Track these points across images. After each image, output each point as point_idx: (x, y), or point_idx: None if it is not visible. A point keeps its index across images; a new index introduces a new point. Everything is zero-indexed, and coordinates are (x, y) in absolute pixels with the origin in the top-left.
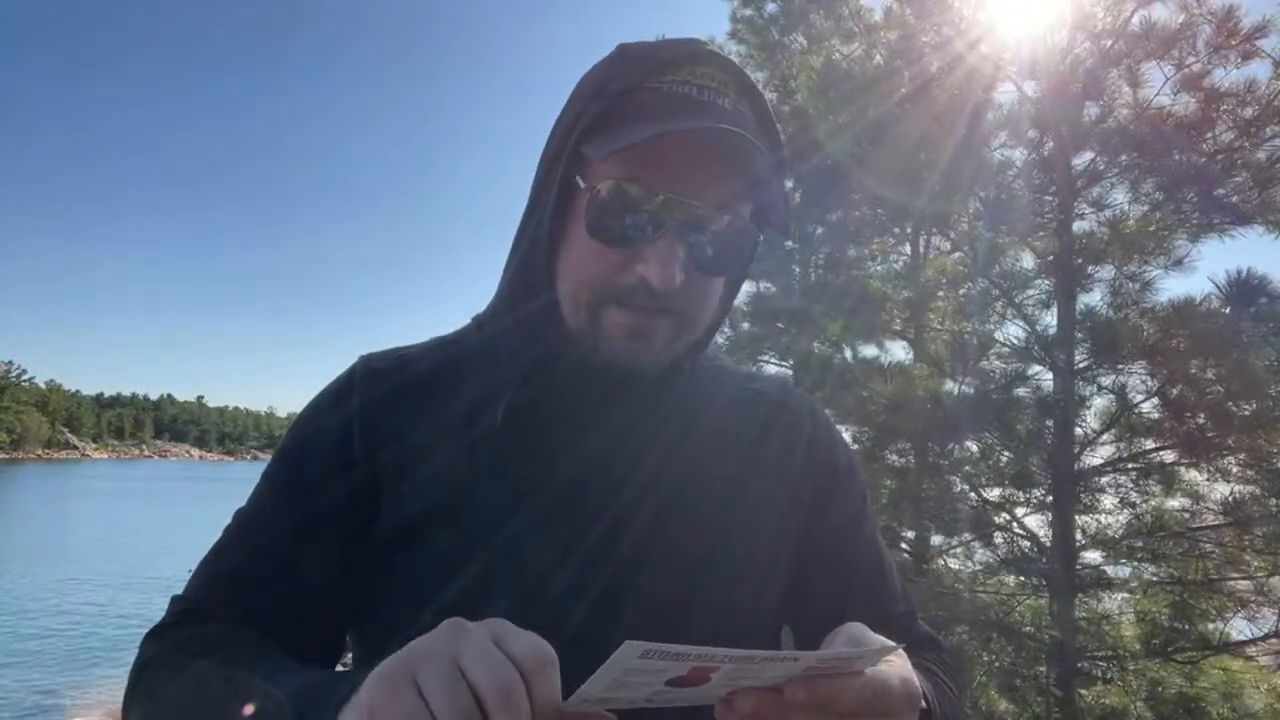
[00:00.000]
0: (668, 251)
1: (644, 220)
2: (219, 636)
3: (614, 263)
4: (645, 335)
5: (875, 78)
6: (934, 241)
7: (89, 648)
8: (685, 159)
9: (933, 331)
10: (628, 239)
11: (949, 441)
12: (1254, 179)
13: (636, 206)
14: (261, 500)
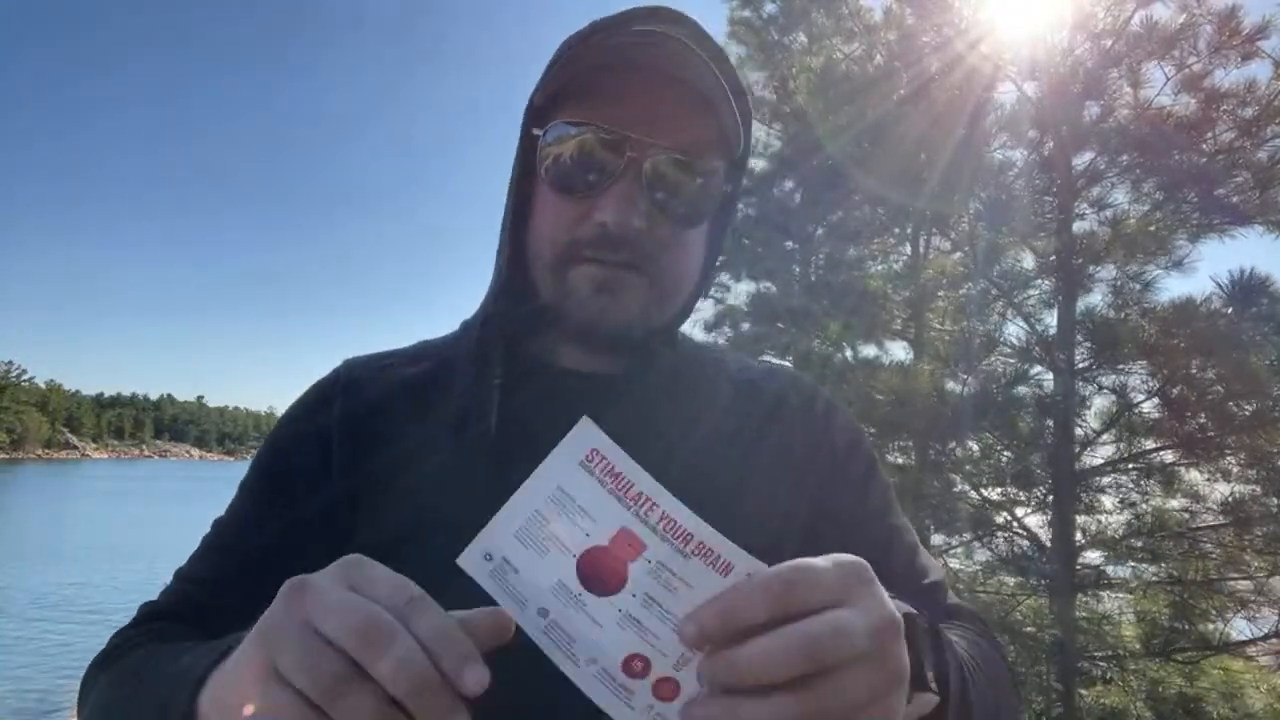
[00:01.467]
0: (623, 192)
1: (597, 162)
2: (171, 630)
3: (574, 214)
4: (613, 289)
5: (875, 78)
6: (934, 241)
7: (89, 648)
8: (636, 98)
9: (933, 331)
10: (585, 185)
11: (950, 440)
12: (1254, 179)
13: (589, 148)
14: (238, 509)
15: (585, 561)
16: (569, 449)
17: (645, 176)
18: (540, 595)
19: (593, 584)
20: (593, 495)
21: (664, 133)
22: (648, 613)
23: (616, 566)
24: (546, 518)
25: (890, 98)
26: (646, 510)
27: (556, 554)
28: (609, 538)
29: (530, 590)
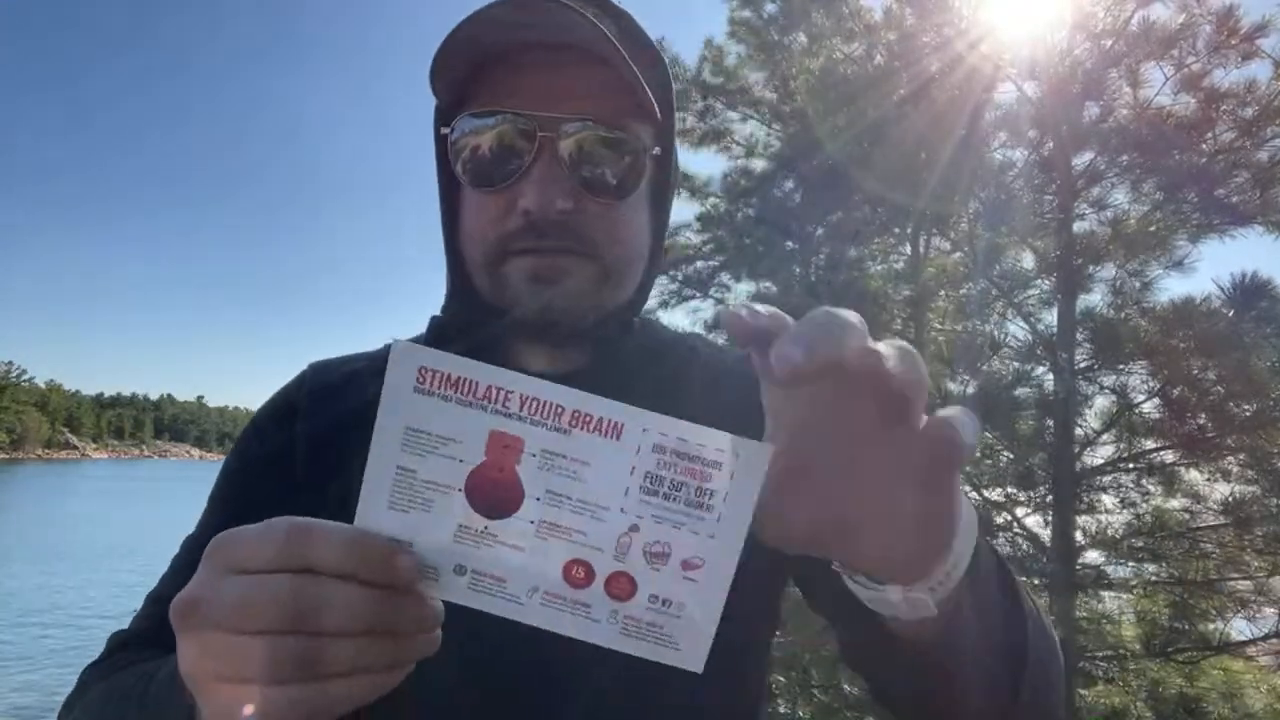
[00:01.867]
0: (542, 175)
1: (508, 149)
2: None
3: (497, 209)
4: (550, 277)
5: (875, 78)
6: (934, 241)
7: (89, 648)
8: (536, 76)
9: (933, 331)
10: (502, 176)
11: None
12: (1254, 179)
13: (498, 137)
14: (206, 525)
15: (473, 489)
16: (397, 382)
17: (562, 154)
18: (448, 553)
19: (492, 510)
20: (444, 416)
21: (572, 105)
22: (559, 511)
23: (505, 478)
24: (411, 468)
25: (890, 98)
26: (503, 401)
27: (441, 499)
28: (482, 451)
29: (435, 555)
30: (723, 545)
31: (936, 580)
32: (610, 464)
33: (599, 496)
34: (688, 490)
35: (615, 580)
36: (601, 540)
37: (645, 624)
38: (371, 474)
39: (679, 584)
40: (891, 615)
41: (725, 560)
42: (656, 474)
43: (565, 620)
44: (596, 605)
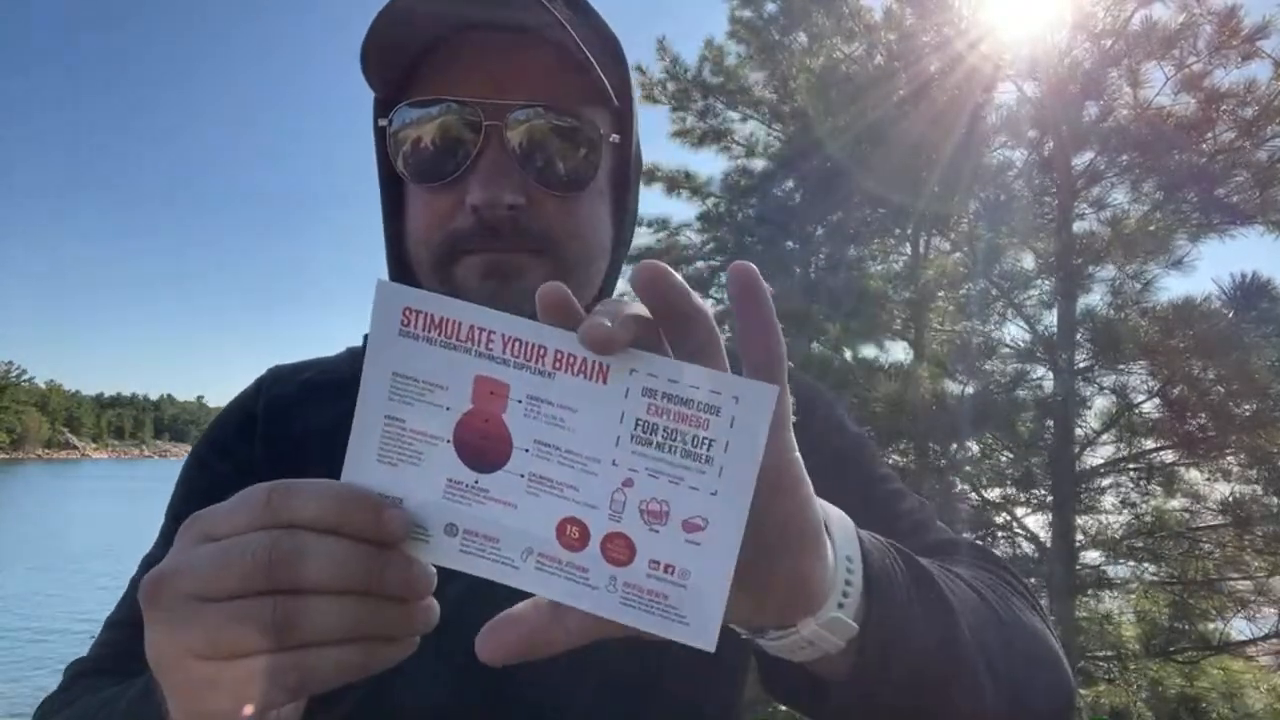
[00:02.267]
0: (490, 166)
1: (452, 140)
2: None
3: (444, 206)
4: (504, 273)
5: (875, 78)
6: (934, 242)
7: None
8: (478, 59)
9: (933, 331)
10: (447, 169)
11: (950, 442)
12: (1254, 179)
13: (441, 127)
14: (162, 546)
15: (461, 440)
16: (382, 325)
17: (511, 144)
18: (439, 510)
19: (482, 462)
20: (429, 360)
21: (520, 90)
22: (548, 463)
23: (492, 427)
24: (399, 417)
25: (890, 98)
26: (486, 343)
27: (430, 450)
28: (469, 398)
29: (426, 512)
30: (726, 504)
31: (828, 609)
32: (598, 410)
33: (588, 447)
34: (683, 439)
35: (612, 542)
36: (594, 496)
37: (647, 593)
38: (359, 424)
39: (681, 548)
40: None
41: (730, 522)
42: (648, 421)
43: (560, 586)
44: (594, 570)
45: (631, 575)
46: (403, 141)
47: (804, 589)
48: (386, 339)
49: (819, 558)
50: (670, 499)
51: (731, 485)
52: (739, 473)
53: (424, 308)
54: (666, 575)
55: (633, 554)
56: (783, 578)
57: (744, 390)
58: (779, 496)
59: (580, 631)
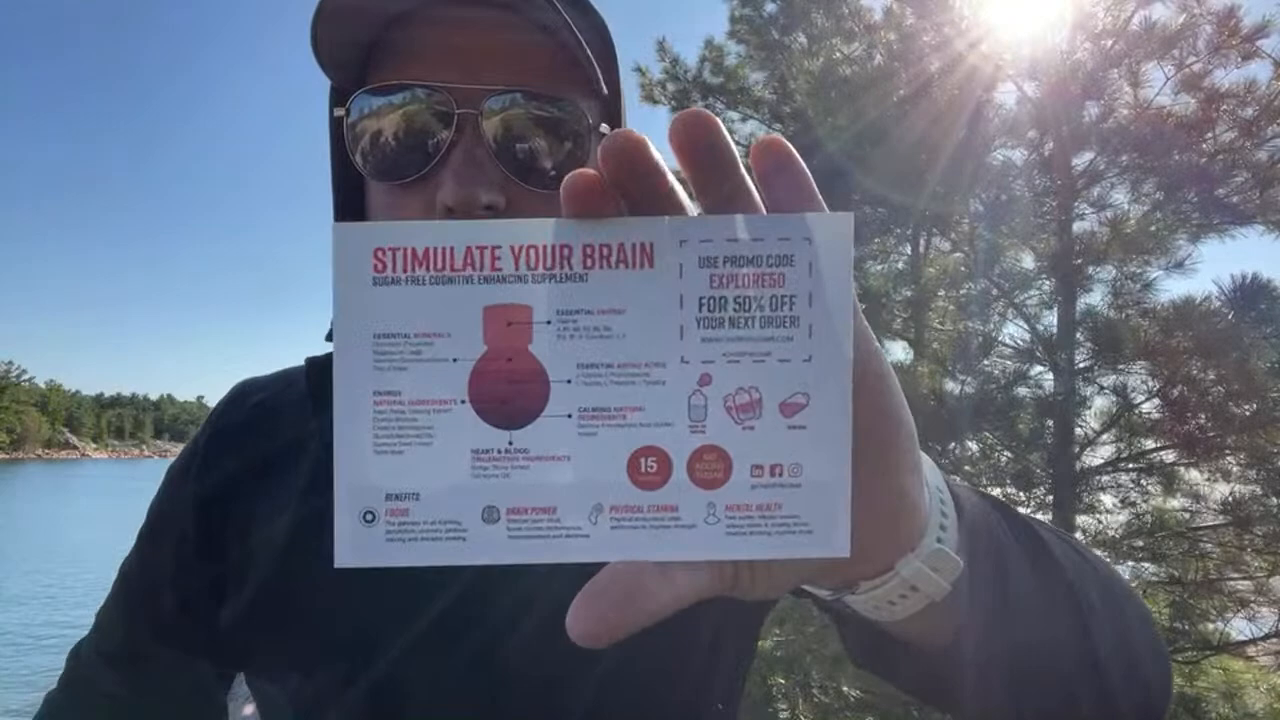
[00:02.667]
0: (464, 160)
1: (420, 130)
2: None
3: (412, 207)
4: None
5: (875, 78)
6: (934, 242)
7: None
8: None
9: (933, 331)
10: (415, 164)
11: (949, 441)
12: (1254, 179)
13: (407, 116)
14: (130, 568)
15: (481, 395)
16: (349, 279)
17: (487, 135)
18: (470, 495)
19: (514, 415)
20: (420, 306)
21: (497, 74)
22: (601, 389)
23: (519, 366)
24: (392, 390)
25: (890, 98)
26: (491, 263)
27: (442, 421)
28: (480, 339)
29: (452, 504)
30: (826, 366)
31: (929, 541)
32: (651, 302)
33: (647, 351)
34: (759, 305)
35: (701, 460)
36: (668, 411)
37: (757, 509)
38: (342, 411)
39: (784, 438)
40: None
41: (834, 385)
42: (714, 296)
43: (648, 540)
44: (685, 504)
45: (733, 494)
46: (362, 134)
47: (904, 512)
48: (357, 295)
49: (915, 470)
50: (759, 382)
51: (827, 342)
52: (833, 324)
53: (401, 243)
54: (775, 478)
55: (729, 467)
56: (879, 496)
57: (817, 227)
58: (865, 381)
59: (690, 585)
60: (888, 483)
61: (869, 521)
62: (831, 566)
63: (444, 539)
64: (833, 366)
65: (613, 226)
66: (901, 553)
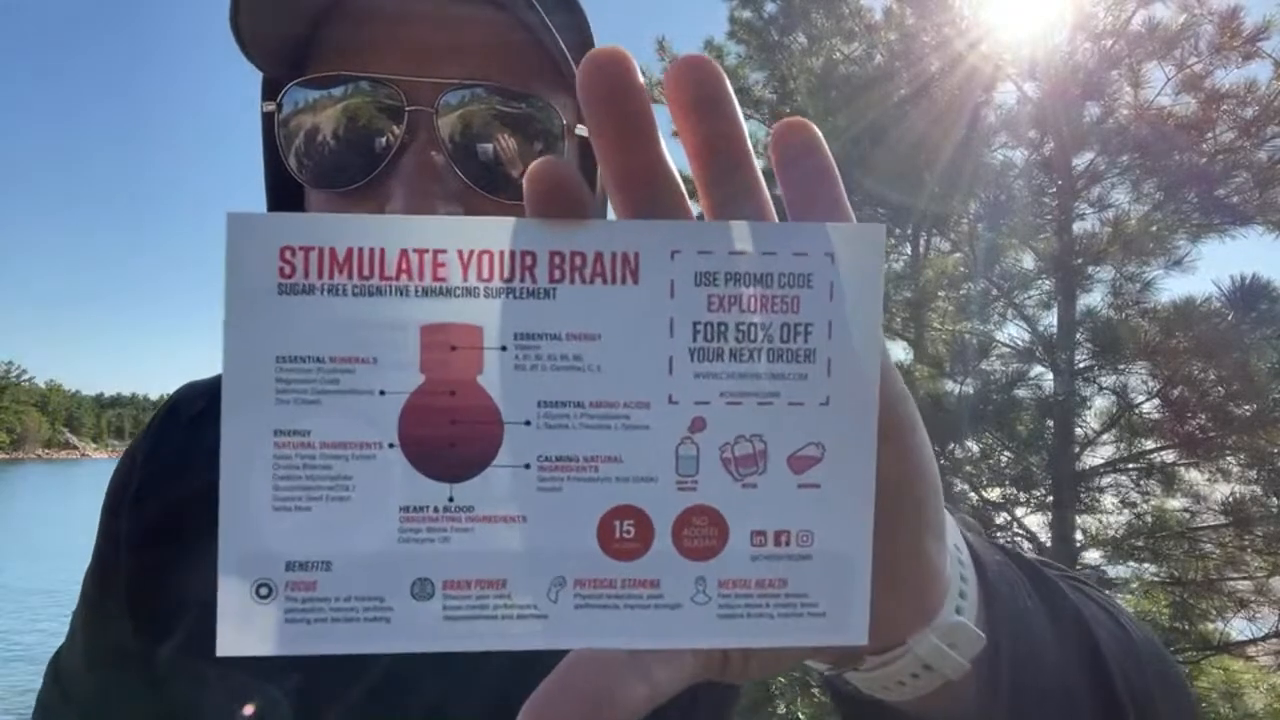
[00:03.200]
0: (415, 165)
1: (363, 130)
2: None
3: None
4: None
5: (875, 78)
6: (934, 242)
7: None
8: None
9: (933, 332)
10: (359, 168)
11: (949, 442)
12: (1255, 179)
13: (348, 112)
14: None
15: (414, 437)
16: (246, 283)
17: (443, 136)
18: (396, 565)
19: (456, 464)
20: (337, 324)
21: (455, 64)
22: (567, 434)
23: (465, 402)
24: (301, 429)
25: (890, 98)
26: (432, 269)
27: (364, 470)
28: (416, 366)
29: (374, 576)
30: (847, 411)
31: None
32: (633, 326)
33: (627, 388)
34: (768, 335)
35: (689, 524)
36: (651, 462)
37: (756, 586)
38: (231, 457)
39: (793, 499)
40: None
41: (857, 435)
42: (712, 321)
43: (622, 621)
44: (669, 578)
45: (728, 567)
46: (296, 132)
47: (921, 580)
48: (256, 305)
49: (940, 534)
50: (765, 430)
51: (849, 382)
52: (857, 360)
53: (317, 240)
54: (780, 548)
55: (724, 533)
56: (892, 563)
57: (844, 240)
58: (889, 429)
59: (670, 679)
60: (908, 548)
61: (883, 592)
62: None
63: (362, 620)
64: (856, 412)
65: (588, 231)
66: (916, 627)
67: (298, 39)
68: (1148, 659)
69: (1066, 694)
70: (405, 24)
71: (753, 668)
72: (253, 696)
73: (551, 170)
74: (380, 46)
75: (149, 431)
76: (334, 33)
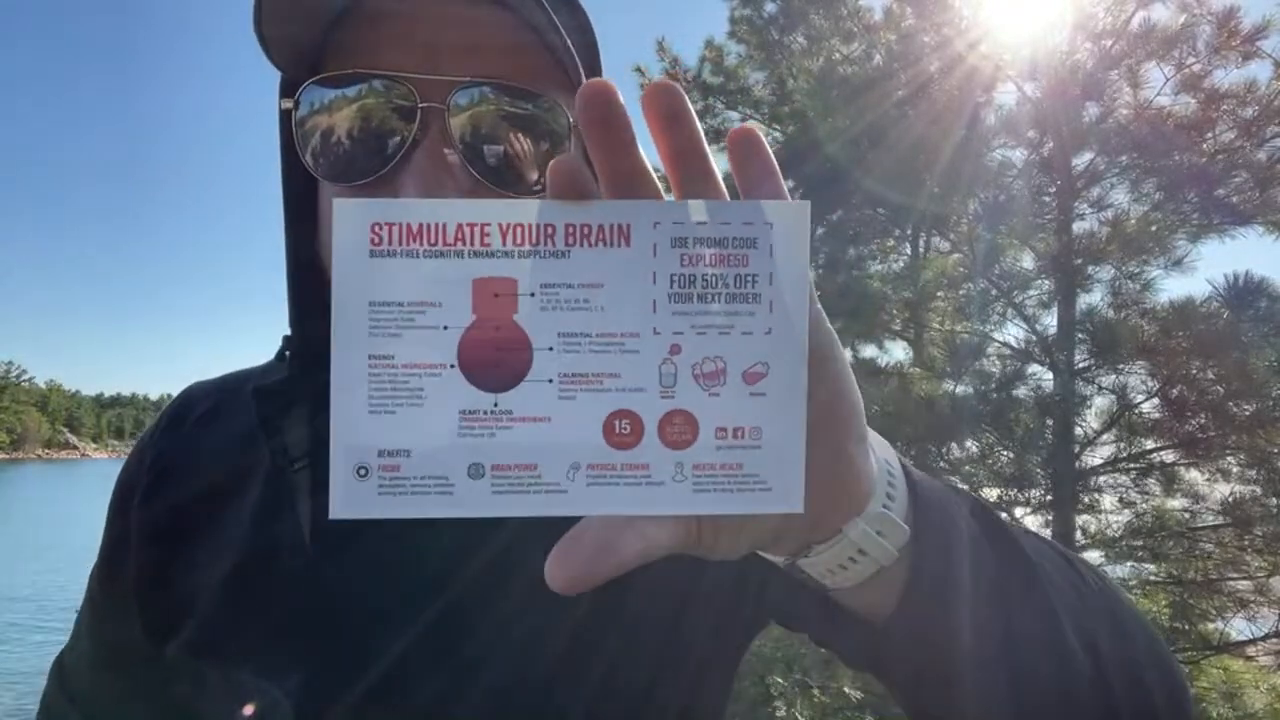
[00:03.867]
0: (427, 161)
1: (377, 127)
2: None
3: None
4: None
5: (875, 78)
6: (934, 242)
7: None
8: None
9: (933, 332)
10: (372, 164)
11: (948, 442)
12: (1254, 179)
13: (363, 110)
14: (79, 620)
15: (469, 359)
16: (348, 250)
17: (454, 133)
18: (457, 453)
19: (500, 379)
20: (413, 277)
21: (465, 63)
22: (579, 356)
23: (504, 334)
24: (386, 354)
25: (890, 98)
26: (481, 239)
27: (433, 384)
28: (469, 309)
29: (441, 460)
30: (784, 339)
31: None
32: (627, 277)
33: (623, 322)
34: (724, 283)
35: (670, 422)
36: (640, 376)
37: (720, 469)
38: (339, 375)
39: (746, 403)
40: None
41: (791, 357)
42: (684, 274)
43: (621, 495)
44: (655, 463)
45: (699, 454)
46: (313, 130)
47: (850, 478)
48: (355, 265)
49: (861, 440)
50: (724, 352)
51: (785, 317)
52: (791, 301)
53: (397, 218)
54: (736, 440)
55: (695, 429)
56: (826, 463)
57: (779, 213)
58: (816, 357)
59: (658, 538)
60: (835, 449)
61: (818, 484)
62: (785, 529)
63: (432, 493)
64: (790, 339)
65: (594, 209)
66: (849, 517)
67: (315, 40)
68: (1096, 596)
69: (1001, 598)
70: (418, 24)
71: (721, 543)
72: (253, 696)
73: (567, 165)
74: (394, 46)
75: (156, 432)
76: (350, 34)
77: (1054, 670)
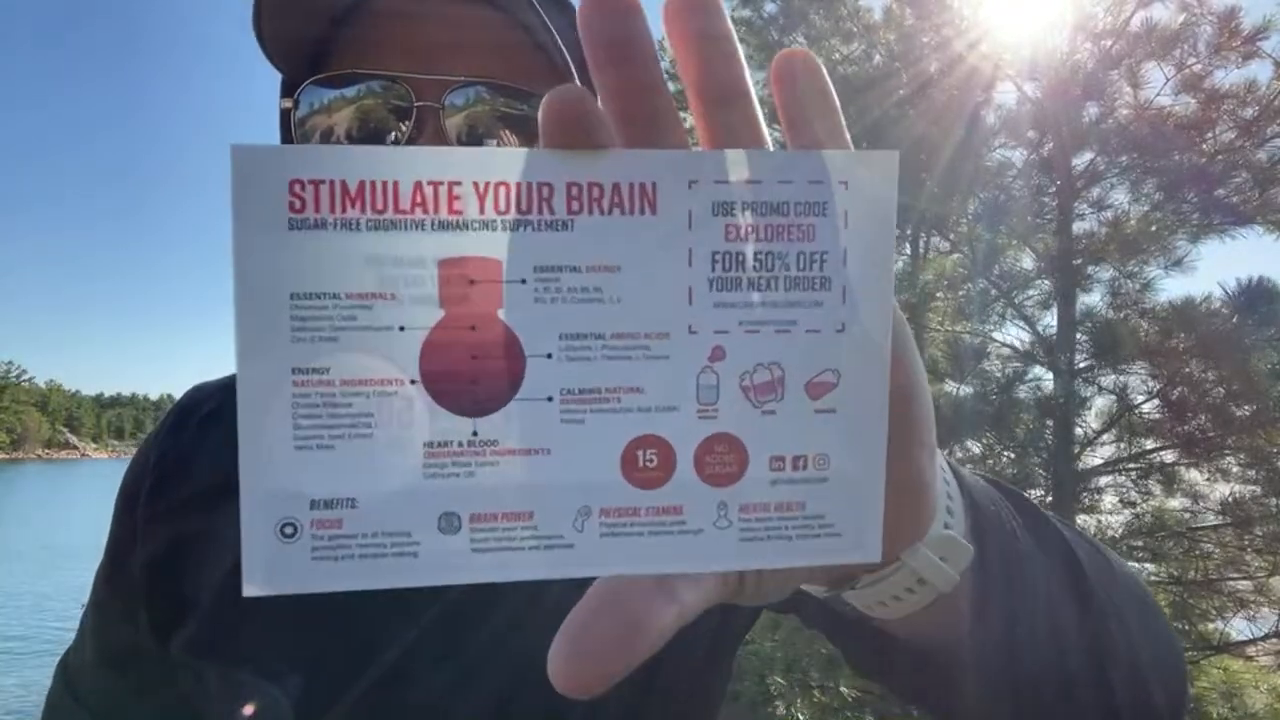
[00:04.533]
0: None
1: (374, 126)
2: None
3: None
4: None
5: (874, 78)
6: (934, 242)
7: None
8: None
9: (932, 333)
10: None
11: (949, 443)
12: (1254, 179)
13: (360, 110)
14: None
15: (438, 374)
16: (255, 218)
17: (449, 133)
18: (421, 500)
19: (479, 399)
20: (352, 259)
21: (461, 64)
22: (589, 365)
23: (485, 336)
24: (319, 367)
25: (890, 98)
26: (448, 201)
27: (387, 406)
28: (435, 301)
29: (400, 511)
30: (860, 339)
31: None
32: (652, 257)
33: (647, 318)
34: (784, 263)
35: (710, 452)
36: (671, 392)
37: (775, 510)
38: (248, 398)
39: (811, 423)
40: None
41: (869, 362)
42: (730, 251)
43: (646, 548)
44: (692, 505)
45: (748, 492)
46: (312, 130)
47: (919, 496)
48: (266, 241)
49: (933, 453)
50: (783, 357)
51: (864, 309)
52: (871, 287)
53: (327, 173)
54: (798, 472)
55: (744, 459)
56: (899, 477)
57: (856, 167)
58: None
59: (695, 600)
60: (907, 465)
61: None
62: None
63: (389, 555)
64: (870, 338)
65: (605, 161)
66: (911, 542)
67: (314, 42)
68: (1123, 579)
69: (1050, 604)
70: (413, 24)
71: (765, 590)
72: (253, 696)
73: (567, 98)
74: (390, 46)
75: (162, 432)
76: (347, 34)
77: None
